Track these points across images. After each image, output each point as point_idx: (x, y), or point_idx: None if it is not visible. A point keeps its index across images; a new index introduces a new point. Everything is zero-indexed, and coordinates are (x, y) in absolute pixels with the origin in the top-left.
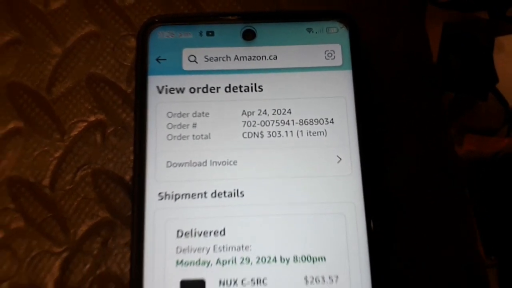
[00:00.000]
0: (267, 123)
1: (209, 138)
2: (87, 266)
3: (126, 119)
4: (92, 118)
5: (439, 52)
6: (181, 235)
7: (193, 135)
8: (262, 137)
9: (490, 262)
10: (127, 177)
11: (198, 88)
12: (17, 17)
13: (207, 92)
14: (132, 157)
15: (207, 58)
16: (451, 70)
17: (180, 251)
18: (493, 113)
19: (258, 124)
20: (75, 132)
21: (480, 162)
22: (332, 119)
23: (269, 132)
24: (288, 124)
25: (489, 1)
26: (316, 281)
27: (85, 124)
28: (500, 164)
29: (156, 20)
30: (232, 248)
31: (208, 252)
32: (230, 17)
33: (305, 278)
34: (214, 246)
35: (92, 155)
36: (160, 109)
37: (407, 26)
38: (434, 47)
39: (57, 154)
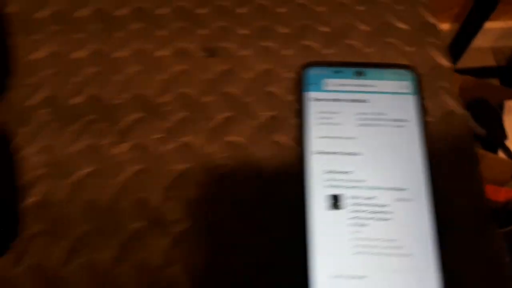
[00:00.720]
0: (370, 119)
1: (339, 124)
2: None
3: (289, 115)
4: (271, 113)
5: None
6: (327, 172)
7: (330, 123)
8: (367, 126)
9: None
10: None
11: (332, 99)
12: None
13: (336, 101)
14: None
15: (337, 84)
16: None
17: (327, 180)
18: (502, 166)
19: (365, 119)
20: (264, 119)
21: (493, 211)
22: (406, 119)
23: (371, 124)
24: (381, 120)
25: (500, 70)
26: (401, 200)
27: (265, 116)
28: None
29: (310, 64)
30: (354, 180)
31: (342, 181)
32: (350, 64)
33: (395, 199)
34: (345, 179)
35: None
36: (313, 109)
37: (440, 76)
38: None
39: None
